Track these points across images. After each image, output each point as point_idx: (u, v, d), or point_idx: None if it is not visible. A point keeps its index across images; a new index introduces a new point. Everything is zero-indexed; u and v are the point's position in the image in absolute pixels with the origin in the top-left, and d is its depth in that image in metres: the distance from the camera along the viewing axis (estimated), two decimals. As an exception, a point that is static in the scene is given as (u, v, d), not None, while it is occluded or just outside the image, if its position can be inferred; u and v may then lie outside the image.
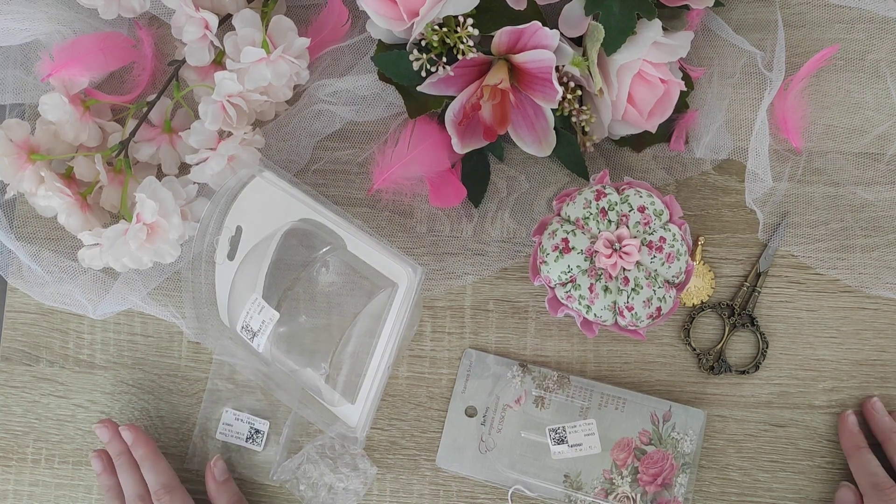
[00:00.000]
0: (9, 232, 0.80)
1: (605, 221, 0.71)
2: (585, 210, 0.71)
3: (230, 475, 0.77)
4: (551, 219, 0.73)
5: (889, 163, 0.79)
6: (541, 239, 0.73)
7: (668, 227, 0.71)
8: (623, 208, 0.71)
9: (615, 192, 0.72)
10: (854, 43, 0.80)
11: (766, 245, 0.79)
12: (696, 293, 0.78)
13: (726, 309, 0.78)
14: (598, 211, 0.71)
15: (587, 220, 0.71)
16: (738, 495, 0.77)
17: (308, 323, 0.75)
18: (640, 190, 0.72)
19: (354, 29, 0.80)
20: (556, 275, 0.71)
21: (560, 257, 0.70)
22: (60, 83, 0.75)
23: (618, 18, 0.71)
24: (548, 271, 0.71)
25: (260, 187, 0.74)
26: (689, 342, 0.78)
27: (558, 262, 0.70)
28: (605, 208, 0.71)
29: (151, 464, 0.75)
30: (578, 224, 0.71)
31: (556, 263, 0.71)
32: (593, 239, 0.70)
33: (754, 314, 0.78)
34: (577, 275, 0.71)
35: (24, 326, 0.82)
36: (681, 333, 0.78)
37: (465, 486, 0.78)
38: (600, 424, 0.77)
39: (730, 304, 0.78)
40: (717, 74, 0.79)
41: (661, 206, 0.71)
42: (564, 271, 0.71)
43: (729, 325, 0.78)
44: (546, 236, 0.72)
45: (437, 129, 0.77)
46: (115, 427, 0.77)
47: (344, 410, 0.73)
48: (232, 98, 0.73)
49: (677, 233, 0.71)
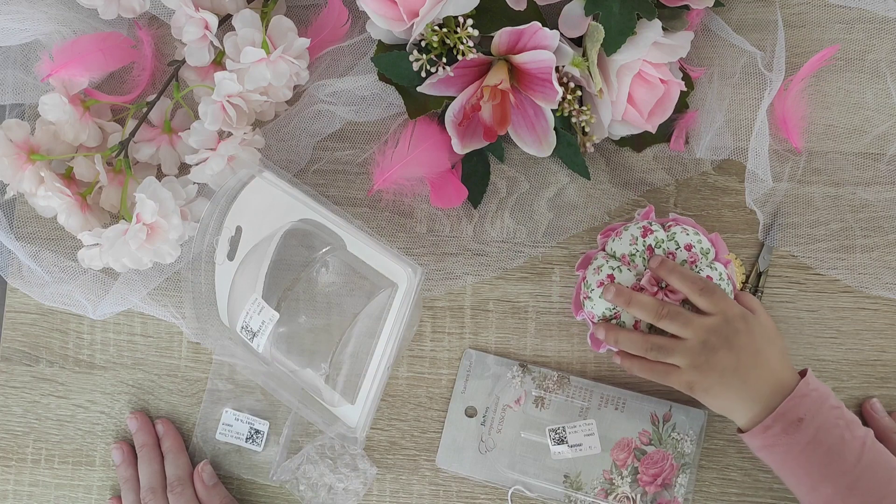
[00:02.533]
0: (9, 232, 0.80)
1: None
2: (632, 247, 0.71)
3: (219, 479, 0.78)
4: (596, 254, 0.73)
5: (889, 163, 0.79)
6: (585, 273, 0.73)
7: (714, 265, 0.71)
8: (670, 246, 0.71)
9: (661, 230, 0.72)
10: (854, 43, 0.80)
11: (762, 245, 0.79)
12: None
13: None
14: (645, 248, 0.71)
15: (633, 258, 0.71)
16: (739, 495, 0.77)
17: (308, 323, 0.75)
18: (687, 227, 0.72)
19: (354, 29, 0.80)
20: (601, 311, 0.71)
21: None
22: (60, 83, 0.75)
23: (618, 19, 0.71)
24: (592, 307, 0.72)
25: (260, 187, 0.74)
26: None
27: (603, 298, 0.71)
28: (651, 245, 0.71)
29: (174, 457, 0.78)
30: (624, 260, 0.71)
31: (601, 300, 0.71)
32: (639, 276, 0.71)
33: None
34: (621, 312, 0.71)
35: (24, 326, 0.82)
36: None
37: (465, 487, 0.78)
38: (600, 425, 0.77)
39: None
40: (717, 74, 0.79)
41: (707, 244, 0.72)
42: (609, 308, 0.71)
43: None
44: (591, 271, 0.72)
45: (437, 129, 0.77)
46: (146, 419, 0.79)
47: (344, 411, 0.73)
48: (232, 98, 0.73)
49: (723, 271, 0.71)
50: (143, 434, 0.79)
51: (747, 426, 0.69)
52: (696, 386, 0.69)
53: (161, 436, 0.79)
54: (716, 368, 0.68)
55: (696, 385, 0.69)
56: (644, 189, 0.80)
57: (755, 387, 0.68)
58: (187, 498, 0.76)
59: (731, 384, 0.68)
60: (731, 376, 0.68)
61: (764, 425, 0.67)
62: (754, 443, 0.69)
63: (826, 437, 0.66)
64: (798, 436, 0.67)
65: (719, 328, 0.68)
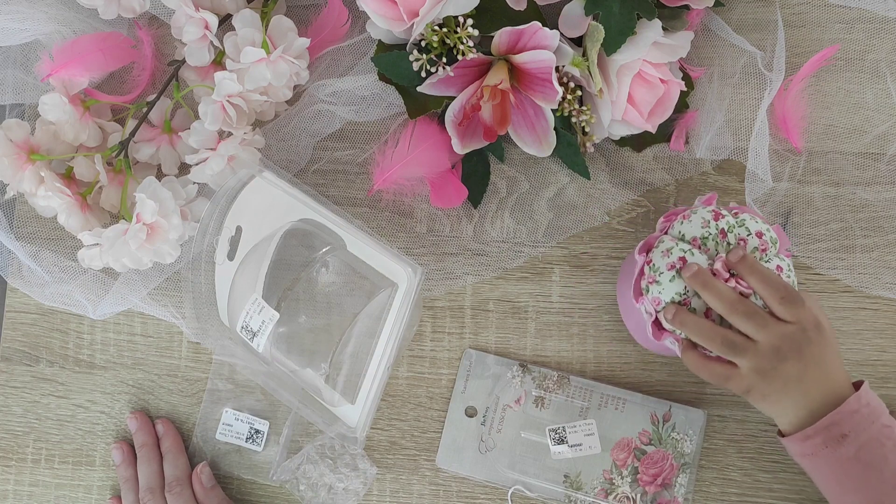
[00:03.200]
0: (9, 232, 0.80)
1: (725, 243, 0.68)
2: (704, 230, 0.68)
3: (216, 482, 0.78)
4: (660, 236, 0.70)
5: (889, 163, 0.79)
6: (650, 257, 0.69)
7: (782, 256, 0.69)
8: (741, 232, 0.68)
9: (730, 215, 0.69)
10: (854, 43, 0.80)
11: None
12: None
13: None
14: (718, 231, 0.68)
15: (705, 240, 0.68)
16: (739, 495, 0.77)
17: (308, 323, 0.75)
18: (755, 216, 0.69)
19: (354, 29, 0.80)
20: (670, 295, 0.67)
21: (676, 277, 0.67)
22: (60, 83, 0.75)
23: (618, 18, 0.71)
24: (659, 292, 0.67)
25: (260, 187, 0.74)
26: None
27: (674, 281, 0.67)
28: (724, 230, 0.68)
29: (173, 457, 0.78)
30: (695, 243, 0.68)
31: (672, 283, 0.67)
32: (711, 260, 0.67)
33: None
34: (691, 298, 0.67)
35: (24, 326, 0.82)
36: None
37: (465, 487, 0.78)
38: (600, 424, 0.77)
39: None
40: (717, 74, 0.79)
41: (774, 234, 0.69)
42: (680, 292, 0.67)
43: None
44: (658, 254, 0.68)
45: (437, 129, 0.77)
46: (146, 418, 0.79)
47: (344, 410, 0.73)
48: (232, 98, 0.73)
49: (790, 263, 0.69)
50: (143, 434, 0.79)
51: (789, 431, 0.67)
52: (755, 391, 0.66)
53: (161, 436, 0.79)
54: (781, 377, 0.65)
55: (755, 391, 0.66)
56: (644, 189, 0.80)
57: (811, 396, 0.65)
58: (185, 498, 0.76)
59: (791, 394, 0.65)
60: (794, 386, 0.65)
61: (805, 434, 0.65)
62: (792, 448, 0.67)
63: (867, 455, 0.64)
64: (839, 451, 0.64)
65: (794, 336, 0.65)
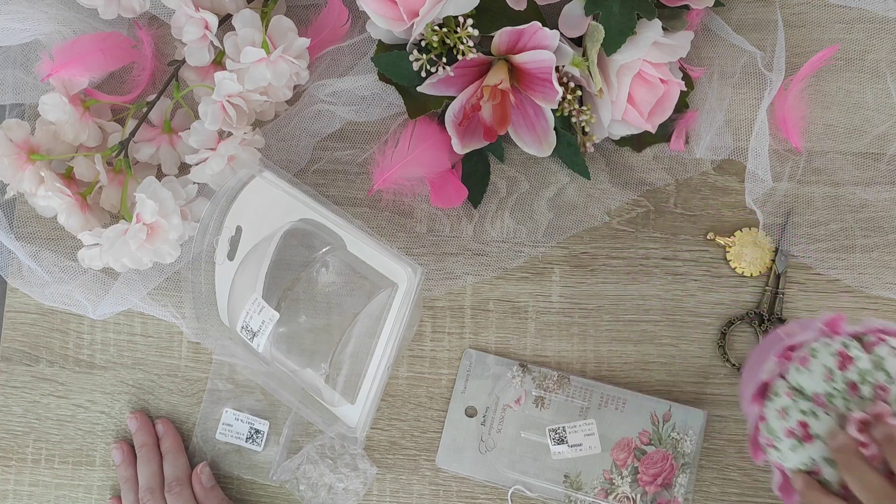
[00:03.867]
0: (9, 232, 0.80)
1: (857, 399, 0.56)
2: (828, 384, 0.56)
3: (216, 482, 0.78)
4: (774, 383, 0.59)
5: (889, 163, 0.79)
6: (764, 412, 0.59)
7: None
8: (878, 377, 0.56)
9: (862, 352, 0.57)
10: (854, 43, 0.80)
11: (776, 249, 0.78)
12: (753, 263, 0.77)
13: (756, 317, 0.77)
14: (847, 385, 0.56)
15: (831, 399, 0.56)
16: (739, 495, 0.77)
17: (308, 323, 0.75)
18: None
19: (354, 29, 0.80)
20: (794, 464, 0.58)
21: (799, 446, 0.57)
22: (60, 83, 0.75)
23: (618, 18, 0.71)
24: (780, 458, 0.58)
25: (260, 187, 0.74)
26: (727, 359, 0.77)
27: (796, 451, 0.57)
28: (854, 382, 0.56)
29: (173, 457, 0.78)
30: (818, 401, 0.57)
31: (794, 453, 0.57)
32: (841, 420, 0.56)
33: (783, 316, 0.77)
34: (822, 467, 0.57)
35: (24, 326, 0.82)
36: (717, 351, 0.77)
37: (465, 487, 0.78)
38: (600, 424, 0.77)
39: (758, 312, 0.77)
40: (717, 74, 0.79)
41: None
42: (806, 464, 0.57)
43: (762, 333, 0.77)
44: (773, 413, 0.58)
45: (437, 129, 0.77)
46: (146, 418, 0.79)
47: (344, 410, 0.73)
48: (232, 98, 0.73)
49: None
50: (143, 434, 0.79)
51: None
52: None
53: (160, 436, 0.79)
54: None
55: None
56: (644, 189, 0.80)
57: None
58: (185, 499, 0.76)
59: None
60: None
61: None
62: None
63: None
64: None
65: None
